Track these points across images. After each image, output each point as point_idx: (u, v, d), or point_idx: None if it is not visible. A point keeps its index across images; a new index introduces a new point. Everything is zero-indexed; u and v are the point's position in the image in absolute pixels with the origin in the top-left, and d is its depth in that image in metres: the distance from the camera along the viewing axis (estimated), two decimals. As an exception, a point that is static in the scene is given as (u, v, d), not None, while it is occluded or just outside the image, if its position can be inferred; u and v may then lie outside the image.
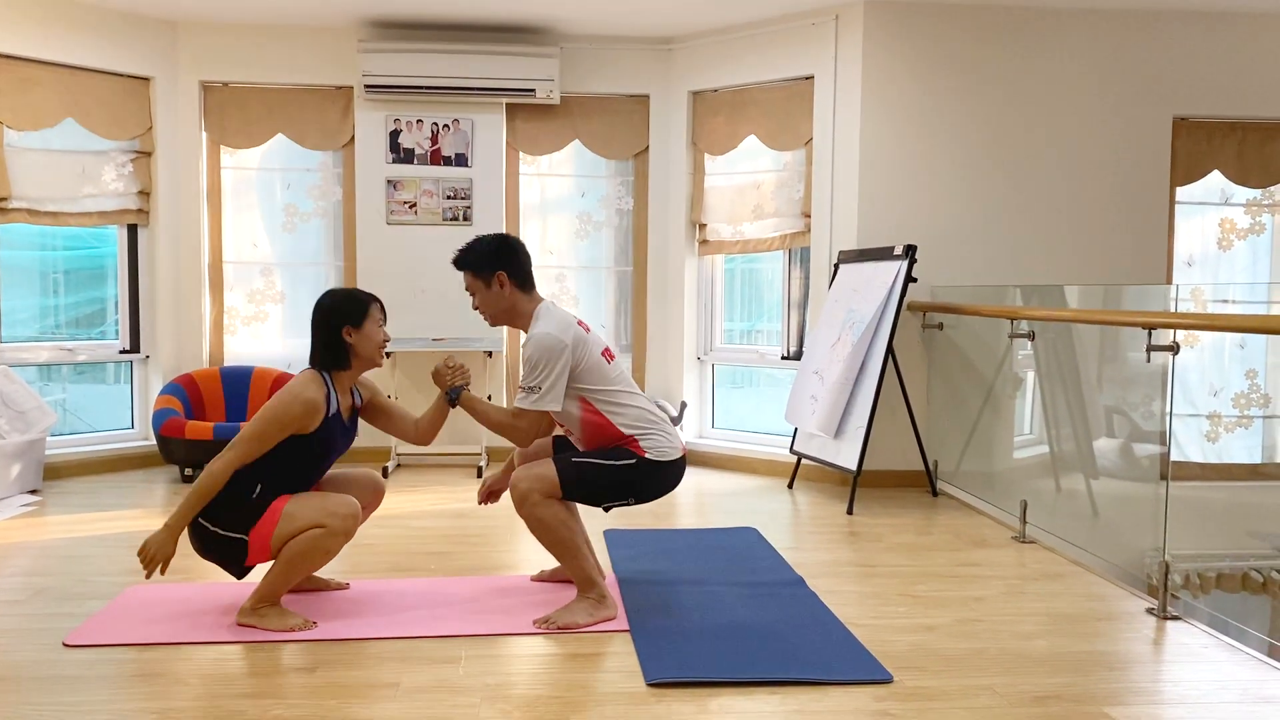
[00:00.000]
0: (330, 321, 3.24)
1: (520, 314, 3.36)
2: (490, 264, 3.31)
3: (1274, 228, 5.83)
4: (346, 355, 3.26)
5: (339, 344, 3.24)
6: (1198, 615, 3.37)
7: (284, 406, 3.11)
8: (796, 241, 5.79)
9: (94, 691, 2.69)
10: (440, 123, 6.03)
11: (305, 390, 3.14)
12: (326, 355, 3.25)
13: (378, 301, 3.34)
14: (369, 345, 3.27)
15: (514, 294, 3.34)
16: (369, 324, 3.27)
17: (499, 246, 3.34)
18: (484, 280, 3.32)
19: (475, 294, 3.36)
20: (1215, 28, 5.53)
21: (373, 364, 3.32)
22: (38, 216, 5.50)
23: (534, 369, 3.20)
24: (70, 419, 5.96)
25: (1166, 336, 3.46)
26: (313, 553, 3.11)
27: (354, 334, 3.24)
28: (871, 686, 2.76)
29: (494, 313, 3.38)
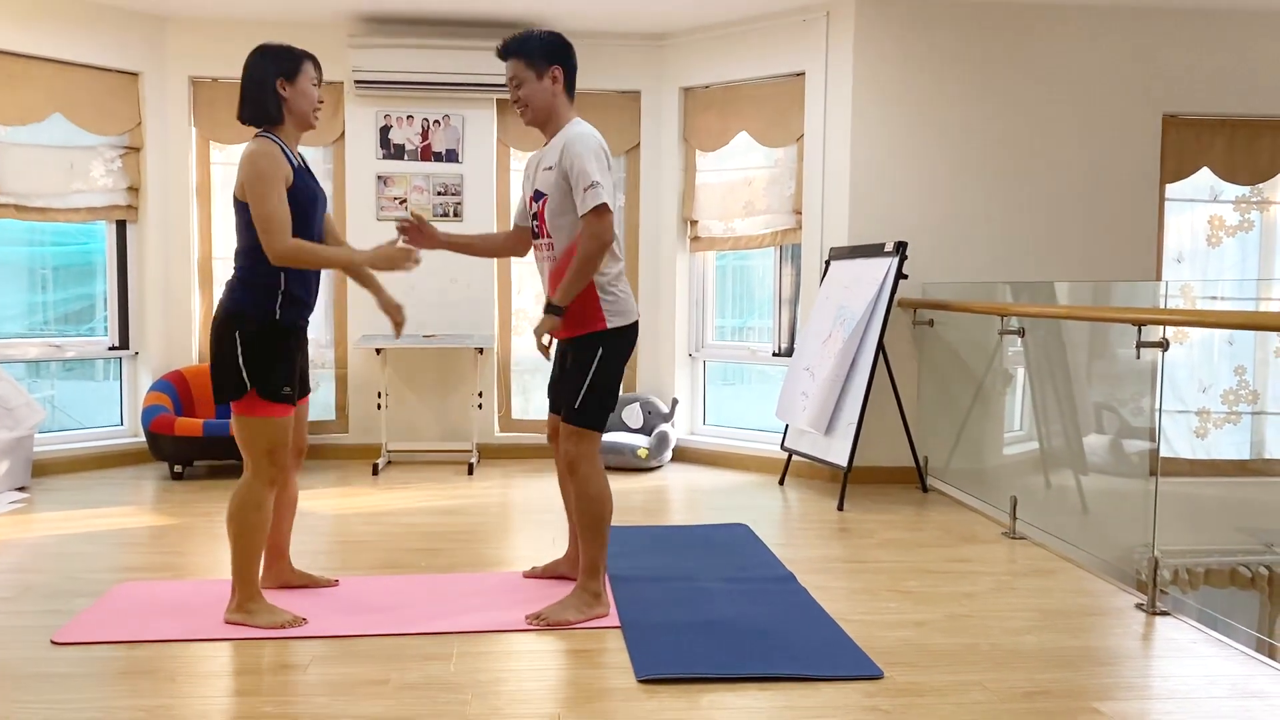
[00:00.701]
0: (264, 73, 3.11)
1: (558, 117, 3.24)
2: (549, 56, 3.19)
3: (1262, 225, 5.85)
4: (280, 108, 3.13)
5: (273, 95, 3.11)
6: (1186, 610, 3.38)
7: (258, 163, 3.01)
8: (788, 238, 5.79)
9: (83, 689, 2.68)
10: (431, 118, 6.01)
11: (264, 145, 3.06)
12: (258, 107, 3.12)
13: (313, 59, 3.21)
14: (302, 101, 3.15)
15: (561, 95, 3.24)
16: (302, 79, 3.15)
17: (561, 41, 3.23)
18: (537, 71, 3.19)
19: (522, 84, 3.20)
20: (1205, 25, 5.54)
21: (305, 123, 3.19)
22: (26, 212, 5.47)
23: (588, 165, 3.07)
24: (59, 416, 5.94)
25: (1156, 333, 3.47)
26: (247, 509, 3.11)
27: (288, 88, 3.13)
28: (862, 682, 2.76)
29: (536, 107, 3.22)
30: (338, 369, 6.16)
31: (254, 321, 3.10)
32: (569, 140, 3.14)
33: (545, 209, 3.22)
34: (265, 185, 3.01)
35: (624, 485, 5.44)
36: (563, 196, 3.16)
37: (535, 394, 6.35)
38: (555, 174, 3.16)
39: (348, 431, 6.13)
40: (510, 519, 4.66)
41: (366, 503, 4.96)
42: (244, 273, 3.12)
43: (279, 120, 3.15)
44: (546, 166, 3.21)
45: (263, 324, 3.10)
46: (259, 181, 3.01)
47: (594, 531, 3.26)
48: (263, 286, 3.10)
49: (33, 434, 5.21)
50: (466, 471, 5.80)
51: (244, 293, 3.11)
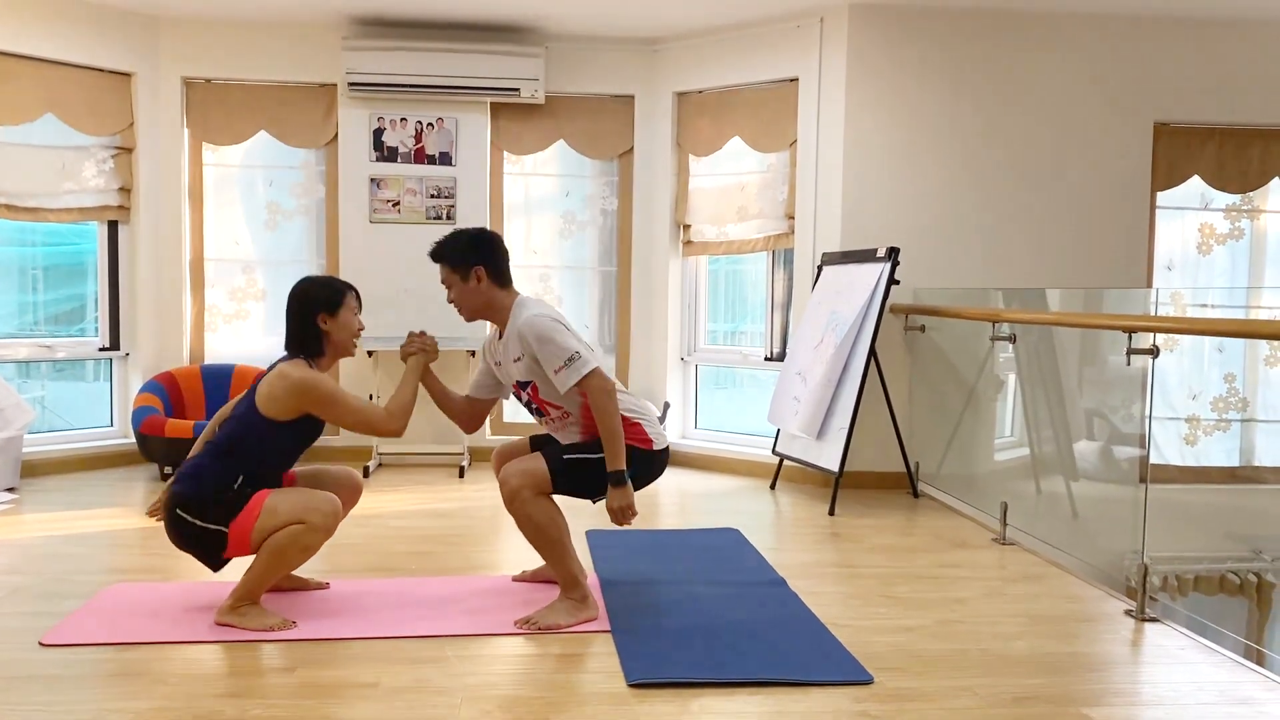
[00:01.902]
0: (306, 308, 3.22)
1: (497, 308, 3.33)
2: (467, 258, 3.28)
3: (1253, 233, 5.88)
4: (321, 343, 3.24)
5: (314, 331, 3.22)
6: (1176, 617, 3.40)
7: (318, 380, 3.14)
8: (780, 243, 5.80)
9: (71, 691, 2.67)
10: (424, 121, 6.01)
11: (303, 370, 3.15)
12: (302, 343, 3.23)
13: (353, 290, 3.33)
14: (344, 333, 3.26)
15: (491, 289, 3.30)
16: (344, 312, 3.26)
17: (477, 241, 3.32)
18: (460, 274, 3.29)
19: (451, 288, 3.32)
20: (1197, 34, 5.57)
21: (346, 352, 3.30)
22: (16, 212, 5.45)
23: (553, 343, 3.15)
24: (49, 416, 5.92)
25: (1146, 340, 3.48)
26: (292, 549, 3.10)
27: (329, 321, 3.23)
28: (852, 687, 2.76)
29: (471, 307, 3.34)
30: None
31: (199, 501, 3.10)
32: (521, 331, 3.22)
33: (540, 394, 3.30)
34: (336, 399, 3.16)
35: (615, 489, 5.43)
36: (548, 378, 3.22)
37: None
38: (527, 362, 3.24)
39: (339, 434, 6.11)
40: (501, 523, 4.66)
41: (357, 505, 4.94)
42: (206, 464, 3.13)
43: (320, 354, 3.25)
44: (515, 358, 3.28)
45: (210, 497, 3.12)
46: (333, 400, 3.16)
47: (555, 551, 3.26)
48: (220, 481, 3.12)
49: (22, 435, 5.19)
50: (458, 475, 5.79)
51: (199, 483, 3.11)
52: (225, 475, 3.12)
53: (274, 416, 3.14)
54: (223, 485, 3.11)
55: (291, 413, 3.16)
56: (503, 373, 3.43)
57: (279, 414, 3.15)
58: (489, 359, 3.50)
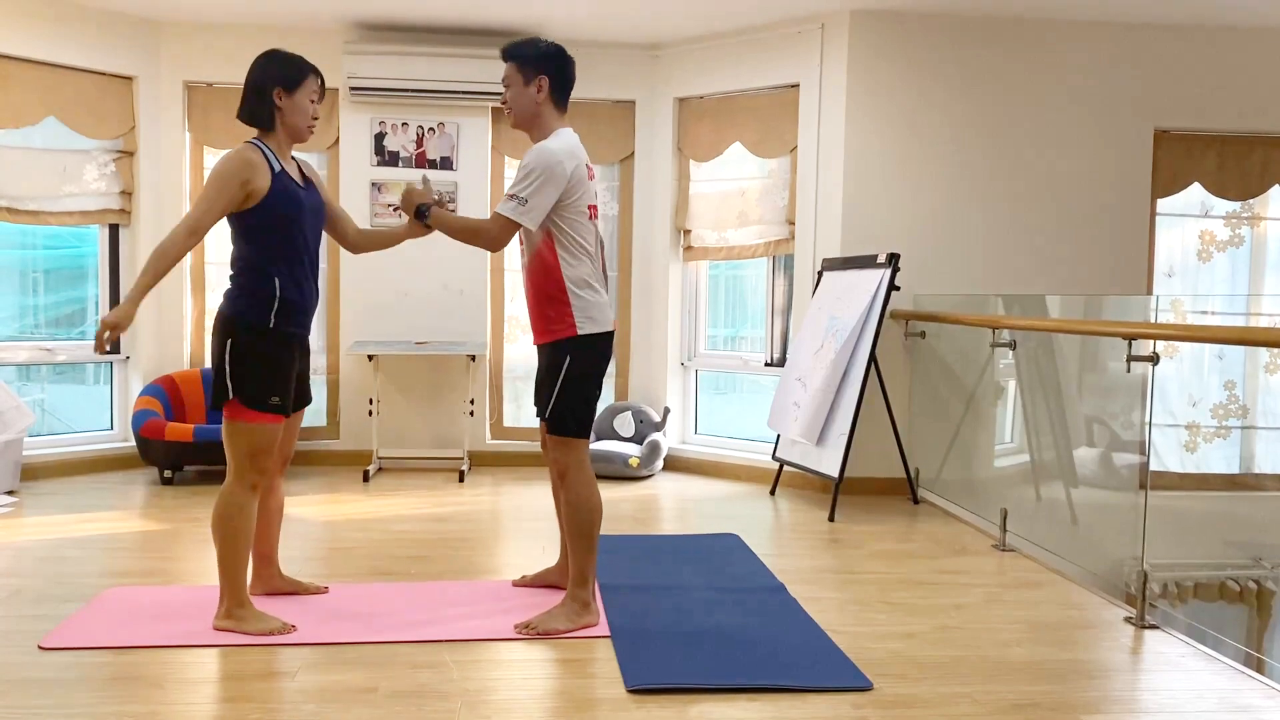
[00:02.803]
0: (263, 79, 3.14)
1: (542, 124, 3.28)
2: (539, 64, 3.24)
3: (1253, 240, 5.89)
4: (272, 116, 3.15)
5: (267, 102, 3.14)
6: (1175, 624, 3.39)
7: (220, 164, 3.05)
8: (781, 249, 5.81)
9: (70, 695, 2.66)
10: (425, 125, 6.02)
11: (238, 150, 3.09)
12: (251, 110, 3.15)
13: (318, 75, 3.23)
14: (298, 115, 3.17)
15: (546, 103, 3.27)
16: (301, 93, 3.16)
17: (554, 52, 3.28)
18: (525, 76, 3.24)
19: (510, 87, 3.27)
20: (1197, 41, 5.58)
21: (298, 135, 3.20)
22: (18, 215, 5.46)
23: (526, 178, 3.13)
24: (49, 419, 5.92)
25: (1146, 347, 3.49)
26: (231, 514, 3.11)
27: (285, 99, 3.15)
28: (851, 693, 2.76)
29: (520, 112, 3.28)
30: (329, 375, 6.15)
31: (247, 329, 3.10)
32: (533, 148, 3.19)
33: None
34: (212, 185, 3.03)
35: (615, 494, 5.44)
36: None
37: (527, 401, 6.35)
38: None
39: (339, 438, 6.11)
40: (501, 527, 4.65)
41: (357, 509, 4.95)
42: (239, 280, 3.13)
43: (270, 128, 3.17)
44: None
45: (256, 331, 3.10)
46: (211, 179, 3.04)
47: (583, 539, 3.26)
48: (257, 293, 3.10)
49: (22, 437, 5.19)
50: (457, 479, 5.79)
51: (240, 299, 3.11)
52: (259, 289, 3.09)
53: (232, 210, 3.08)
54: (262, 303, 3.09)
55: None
56: None
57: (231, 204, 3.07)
58: None
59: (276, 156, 3.16)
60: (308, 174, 3.34)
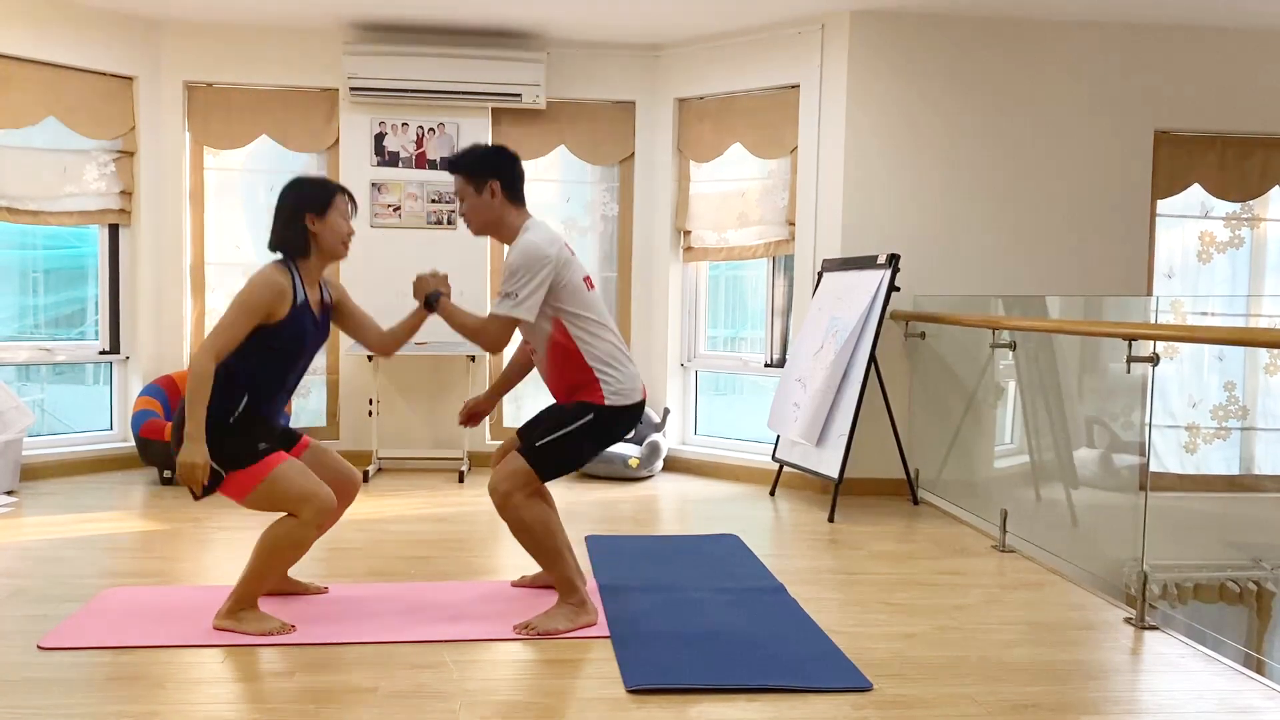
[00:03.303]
0: (293, 206, 3.17)
1: (507, 226, 3.30)
2: (484, 169, 3.26)
3: (1253, 241, 5.89)
4: (307, 243, 3.18)
5: (301, 230, 3.16)
6: (1175, 625, 3.39)
7: (250, 290, 3.06)
8: (781, 249, 5.80)
9: (69, 695, 2.66)
10: (426, 126, 6.02)
11: (271, 275, 3.10)
12: (286, 240, 3.18)
13: (345, 193, 3.26)
14: (332, 236, 3.19)
15: (504, 205, 3.28)
16: (333, 214, 3.19)
17: (496, 153, 3.31)
18: (475, 185, 3.26)
19: (464, 199, 3.29)
20: (1197, 42, 5.58)
21: (335, 256, 3.23)
22: (17, 215, 5.46)
23: (514, 275, 3.14)
24: (48, 420, 5.92)
25: (1146, 348, 3.49)
26: (285, 546, 3.10)
27: (317, 222, 3.17)
28: (851, 694, 2.76)
29: (481, 221, 3.31)
30: (329, 375, 6.15)
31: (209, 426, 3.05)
32: (513, 247, 3.22)
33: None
34: (240, 309, 3.04)
35: (614, 495, 5.44)
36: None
37: (527, 402, 6.34)
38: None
39: (339, 438, 6.11)
40: (500, 528, 4.65)
41: (357, 510, 4.94)
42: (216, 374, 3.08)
43: (305, 255, 3.19)
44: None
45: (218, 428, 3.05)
46: (239, 304, 3.05)
47: (549, 555, 3.26)
48: (222, 400, 3.05)
49: (21, 438, 5.19)
50: (457, 479, 5.78)
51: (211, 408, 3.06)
52: (226, 396, 3.06)
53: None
54: (226, 406, 3.06)
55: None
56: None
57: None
58: None
59: (304, 283, 3.18)
60: (328, 298, 3.35)
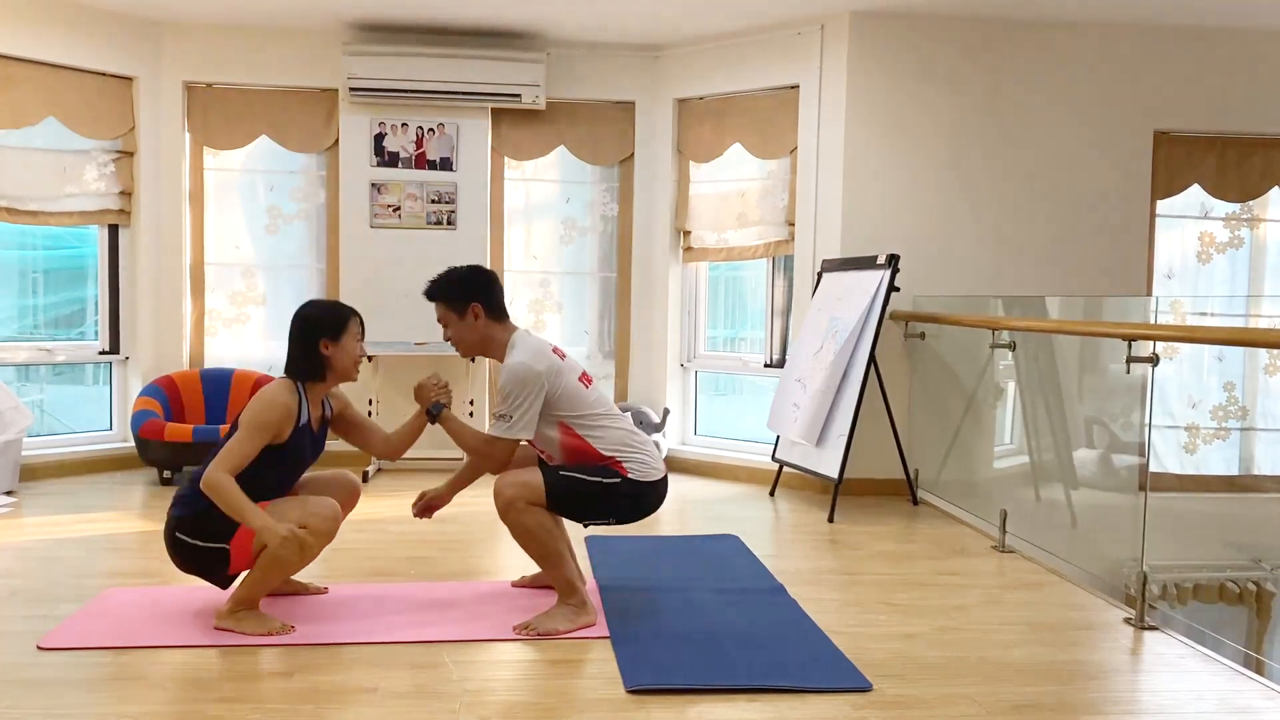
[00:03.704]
0: (308, 333, 3.23)
1: (495, 343, 3.36)
2: (464, 295, 3.30)
3: (1252, 242, 5.89)
4: (322, 368, 3.25)
5: (316, 356, 3.23)
6: (1175, 625, 3.39)
7: (263, 412, 3.10)
8: (780, 250, 5.81)
9: (68, 695, 2.66)
10: (425, 126, 6.02)
11: (280, 395, 3.15)
12: (302, 366, 3.24)
13: (357, 316, 3.34)
14: (345, 359, 3.27)
15: (488, 325, 3.33)
16: (347, 338, 3.27)
17: (473, 277, 3.35)
18: (457, 312, 3.32)
19: (448, 325, 3.35)
20: (1196, 43, 5.58)
21: (347, 378, 3.31)
22: (17, 215, 5.46)
23: (507, 398, 3.20)
24: (48, 420, 5.91)
25: (1146, 348, 3.49)
26: (291, 553, 3.09)
27: (331, 347, 3.24)
28: (851, 694, 2.76)
29: (468, 343, 3.37)
30: (329, 376, 6.14)
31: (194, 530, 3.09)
32: (503, 369, 3.26)
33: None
34: (253, 430, 3.08)
35: (614, 495, 5.43)
36: None
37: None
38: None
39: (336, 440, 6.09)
40: (500, 528, 4.63)
41: (356, 510, 4.92)
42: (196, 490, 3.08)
43: (320, 379, 3.26)
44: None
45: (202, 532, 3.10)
46: (253, 424, 3.09)
47: (550, 559, 3.27)
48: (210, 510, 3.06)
49: (21, 438, 5.18)
50: (457, 480, 5.77)
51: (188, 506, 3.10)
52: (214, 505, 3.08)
53: None
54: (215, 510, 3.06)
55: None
56: None
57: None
58: None
59: (309, 405, 3.24)
60: (329, 413, 3.41)
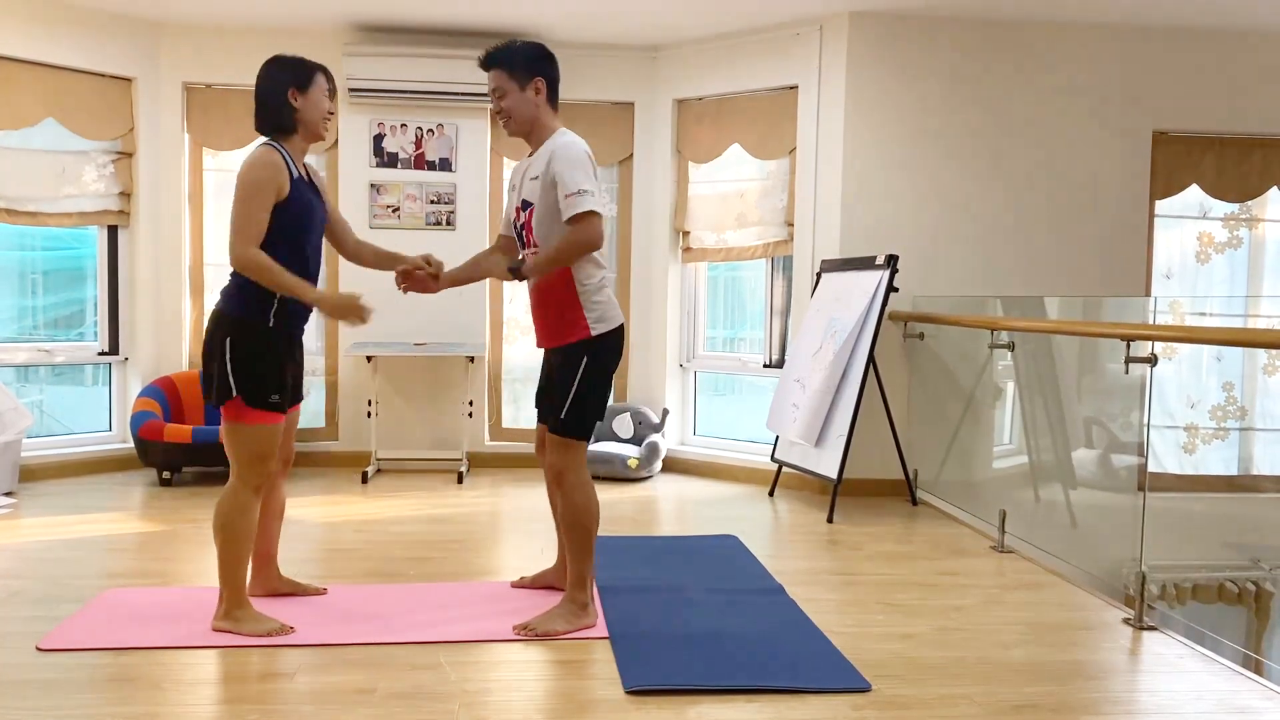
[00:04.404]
0: (277, 82, 3.17)
1: (543, 128, 3.26)
2: (531, 67, 3.21)
3: (1251, 242, 5.89)
4: (292, 119, 3.18)
5: (284, 106, 3.16)
6: (1174, 625, 3.39)
7: (253, 170, 3.06)
8: (779, 250, 5.81)
9: (68, 696, 2.66)
10: (424, 127, 6.02)
11: (262, 154, 3.11)
12: (271, 117, 3.17)
13: (325, 70, 3.26)
14: (314, 111, 3.20)
15: (544, 105, 3.25)
16: (315, 90, 3.20)
17: (543, 53, 3.26)
18: (519, 82, 3.20)
19: (505, 96, 3.22)
20: (1196, 44, 5.58)
21: (317, 134, 3.24)
22: (16, 216, 5.46)
23: (575, 171, 3.09)
24: (47, 421, 5.91)
25: (1145, 348, 3.49)
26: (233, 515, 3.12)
27: (300, 98, 3.17)
28: (849, 695, 2.76)
29: (520, 119, 3.24)
30: (328, 376, 6.15)
31: (245, 327, 3.10)
32: (555, 150, 3.16)
33: (532, 218, 3.23)
34: (251, 191, 3.05)
35: (613, 495, 5.44)
36: (550, 205, 3.17)
37: (526, 403, 6.35)
38: (541, 183, 3.17)
39: (337, 439, 6.11)
40: (499, 528, 4.65)
41: (355, 511, 4.95)
42: (238, 279, 3.12)
43: (291, 130, 3.19)
44: (533, 176, 3.22)
45: (254, 330, 3.11)
46: (248, 186, 3.05)
47: (581, 542, 3.26)
48: (257, 293, 3.10)
49: (20, 439, 5.19)
50: (456, 480, 5.79)
51: (239, 298, 3.12)
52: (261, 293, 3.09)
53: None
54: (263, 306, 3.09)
55: None
56: (514, 194, 3.36)
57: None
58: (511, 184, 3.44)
59: (293, 161, 3.18)
60: (315, 180, 3.37)
